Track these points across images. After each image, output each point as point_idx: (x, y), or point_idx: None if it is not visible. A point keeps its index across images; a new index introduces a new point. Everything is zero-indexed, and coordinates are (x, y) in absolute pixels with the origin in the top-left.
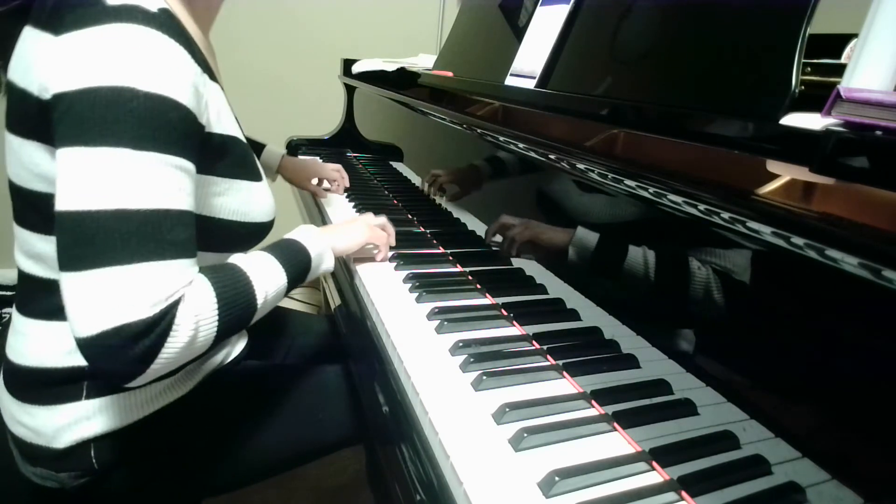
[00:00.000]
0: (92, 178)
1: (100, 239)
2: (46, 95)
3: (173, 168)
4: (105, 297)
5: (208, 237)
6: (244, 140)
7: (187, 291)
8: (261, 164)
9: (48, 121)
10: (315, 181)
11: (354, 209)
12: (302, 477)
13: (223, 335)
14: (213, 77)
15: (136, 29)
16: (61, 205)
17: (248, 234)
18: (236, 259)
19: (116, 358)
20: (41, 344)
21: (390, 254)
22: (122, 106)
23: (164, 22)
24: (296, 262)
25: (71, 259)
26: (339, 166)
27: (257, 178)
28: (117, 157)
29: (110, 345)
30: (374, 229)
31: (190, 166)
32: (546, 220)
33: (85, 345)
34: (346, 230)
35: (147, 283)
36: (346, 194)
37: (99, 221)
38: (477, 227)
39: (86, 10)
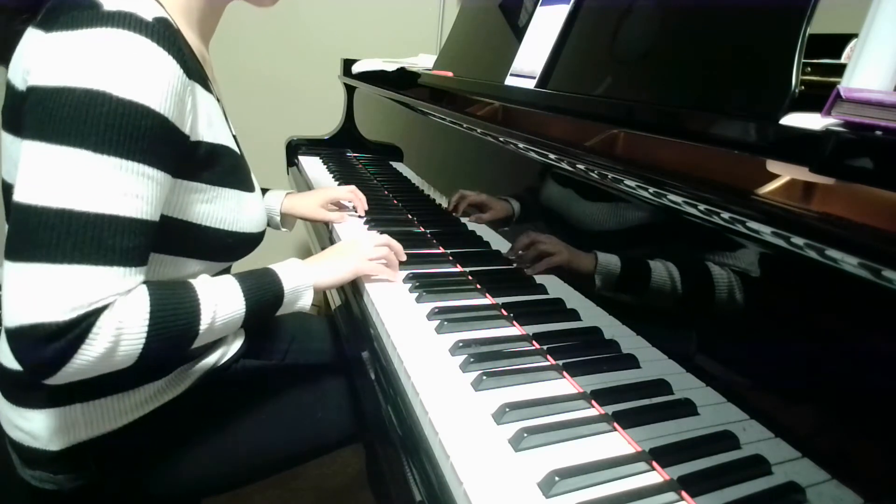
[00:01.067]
0: (46, 175)
1: (38, 235)
2: (23, 87)
3: (134, 175)
4: (28, 293)
5: (194, 244)
6: (238, 151)
7: (118, 301)
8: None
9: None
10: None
11: (364, 222)
12: (302, 477)
13: (151, 353)
14: (206, 87)
15: (124, 35)
16: (16, 196)
17: (235, 244)
18: (196, 279)
19: (28, 355)
20: None
21: (402, 274)
22: (92, 109)
23: (156, 31)
24: (261, 294)
25: (10, 249)
26: (352, 187)
27: (249, 188)
28: (74, 158)
29: (24, 341)
30: (367, 262)
31: (157, 174)
32: (547, 222)
33: (7, 336)
34: (336, 262)
35: (70, 287)
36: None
37: (42, 217)
38: (477, 227)
39: (81, 13)
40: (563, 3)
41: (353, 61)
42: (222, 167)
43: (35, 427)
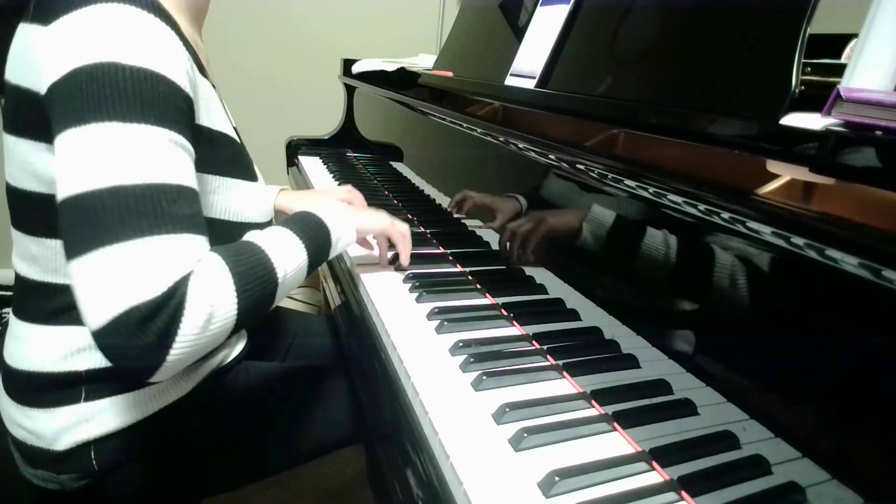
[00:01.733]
0: (84, 158)
1: (98, 219)
2: (43, 90)
3: (168, 142)
4: (108, 281)
5: None
6: (238, 139)
7: (198, 268)
8: None
9: (44, 116)
10: None
11: None
12: (302, 477)
13: (244, 316)
14: (203, 73)
15: (123, 8)
16: (60, 193)
17: (242, 235)
18: (252, 235)
19: (131, 348)
20: (38, 348)
21: (402, 274)
22: (108, 80)
23: (154, 6)
24: (315, 238)
25: (72, 245)
26: (349, 187)
27: (252, 178)
28: (106, 132)
29: (121, 333)
30: (397, 222)
31: (186, 143)
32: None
33: (98, 339)
34: (370, 212)
35: (150, 260)
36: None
37: (94, 201)
38: (477, 227)
39: None
40: (563, 3)
41: (353, 61)
42: (224, 156)
43: (39, 426)
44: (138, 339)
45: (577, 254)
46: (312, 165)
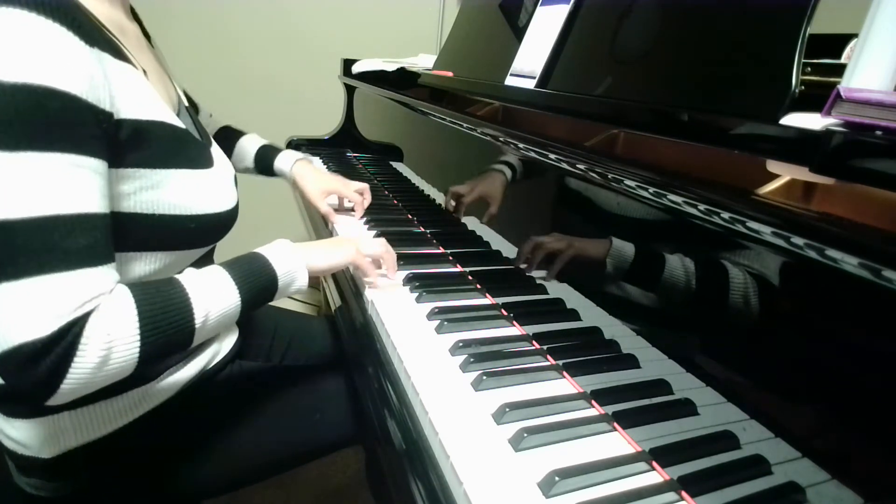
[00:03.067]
0: None
1: None
2: None
3: (63, 167)
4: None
5: (152, 236)
6: (178, 125)
7: (101, 304)
8: (276, 171)
9: None
10: (331, 199)
11: (364, 224)
12: (302, 477)
13: (149, 355)
14: (121, 56)
15: (9, 13)
16: None
17: (200, 228)
18: (181, 274)
19: (20, 379)
20: None
21: (402, 274)
22: None
23: (50, 5)
24: (254, 281)
25: None
26: (364, 186)
27: (203, 164)
28: None
29: (11, 366)
30: (361, 255)
31: (87, 161)
32: (547, 221)
33: None
34: (329, 248)
35: (42, 299)
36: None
37: None
38: (477, 227)
39: None
40: (563, 3)
41: (353, 61)
42: (159, 146)
43: (24, 436)
44: (28, 373)
45: (577, 254)
46: None
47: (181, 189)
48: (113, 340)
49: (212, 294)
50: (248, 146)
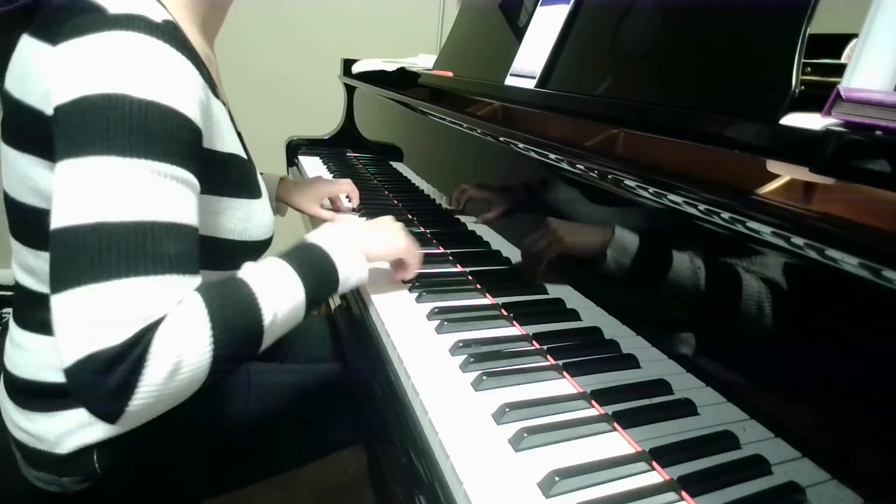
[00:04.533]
0: (76, 191)
1: (78, 257)
2: (49, 110)
3: (167, 178)
4: (78, 323)
5: (203, 257)
6: (246, 156)
7: (173, 312)
8: None
9: (48, 135)
10: (326, 202)
11: (360, 217)
12: (302, 477)
13: (221, 363)
14: (215, 92)
15: (136, 37)
16: (51, 224)
17: (244, 252)
18: (243, 271)
19: (93, 393)
20: (38, 358)
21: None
22: (114, 113)
23: (168, 32)
24: (317, 275)
25: (52, 281)
26: (347, 180)
27: (257, 194)
28: (103, 167)
29: (83, 377)
30: (415, 250)
31: (189, 177)
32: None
33: (67, 377)
34: (382, 232)
35: (119, 304)
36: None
37: (78, 238)
38: (477, 227)
39: (85, 19)
40: (563, 3)
41: (353, 61)
42: (232, 177)
43: (42, 430)
44: (99, 385)
45: (577, 255)
46: (312, 165)
47: (238, 217)
48: (183, 349)
49: (277, 289)
50: None
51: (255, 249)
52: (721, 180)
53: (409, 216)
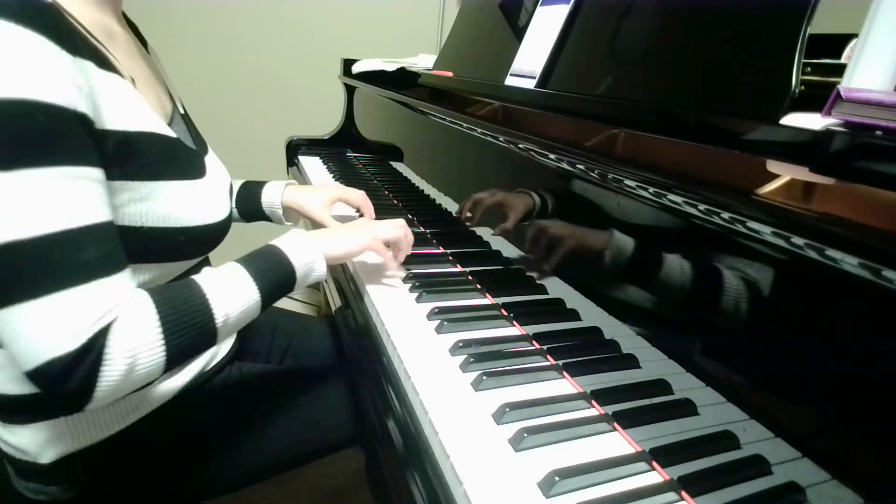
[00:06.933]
0: None
1: (1, 277)
2: None
3: (60, 180)
4: (21, 335)
5: (139, 249)
6: (168, 134)
7: (122, 313)
8: (265, 210)
9: None
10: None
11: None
12: (302, 477)
13: (176, 358)
14: (106, 66)
15: None
16: None
17: (190, 240)
18: (198, 274)
19: (57, 392)
20: (3, 372)
21: (402, 274)
22: None
23: (11, 9)
24: (273, 275)
25: None
26: (362, 193)
27: (195, 175)
28: None
29: (46, 380)
30: (378, 241)
31: (84, 171)
32: (548, 221)
33: (30, 380)
34: (345, 234)
35: (63, 315)
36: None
37: None
38: (477, 227)
39: None
40: (563, 3)
41: (353, 61)
42: (148, 158)
43: (23, 441)
44: (63, 385)
45: (577, 254)
46: (312, 165)
47: (171, 201)
48: (136, 348)
49: (230, 292)
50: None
51: (204, 236)
52: (721, 180)
53: (410, 216)
